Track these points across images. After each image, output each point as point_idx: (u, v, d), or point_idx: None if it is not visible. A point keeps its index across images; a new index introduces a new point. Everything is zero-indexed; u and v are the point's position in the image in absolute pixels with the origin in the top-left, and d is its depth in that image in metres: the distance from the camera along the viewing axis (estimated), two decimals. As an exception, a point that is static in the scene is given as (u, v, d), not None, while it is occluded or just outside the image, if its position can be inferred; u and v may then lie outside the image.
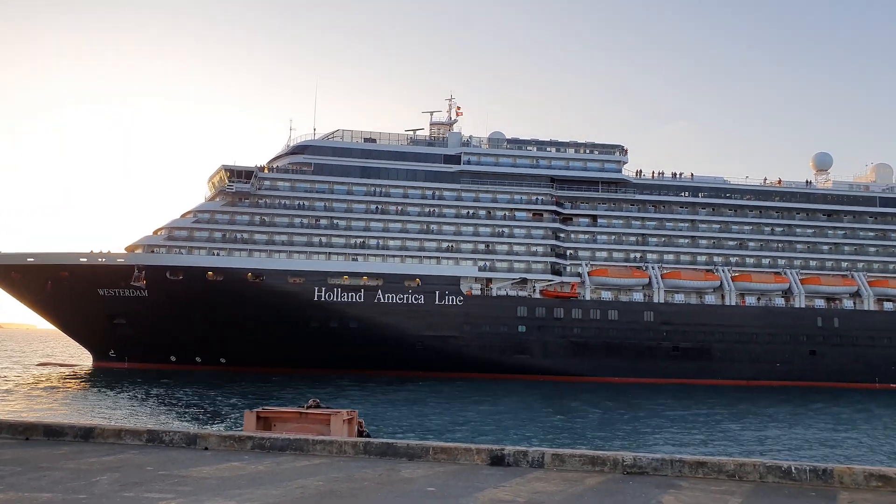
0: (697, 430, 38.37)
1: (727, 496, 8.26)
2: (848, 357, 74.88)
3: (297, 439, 11.01)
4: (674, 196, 79.79)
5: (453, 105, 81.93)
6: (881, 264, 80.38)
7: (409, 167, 75.76)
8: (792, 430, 39.79)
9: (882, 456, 31.96)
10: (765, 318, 75.55)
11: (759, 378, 72.40)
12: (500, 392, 56.35)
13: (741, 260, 79.02)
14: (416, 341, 69.53)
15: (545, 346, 71.90)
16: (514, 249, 76.02)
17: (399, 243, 74.54)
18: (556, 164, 78.41)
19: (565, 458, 9.83)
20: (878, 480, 8.79)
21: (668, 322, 73.84)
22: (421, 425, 36.82)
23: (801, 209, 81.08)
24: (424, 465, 9.97)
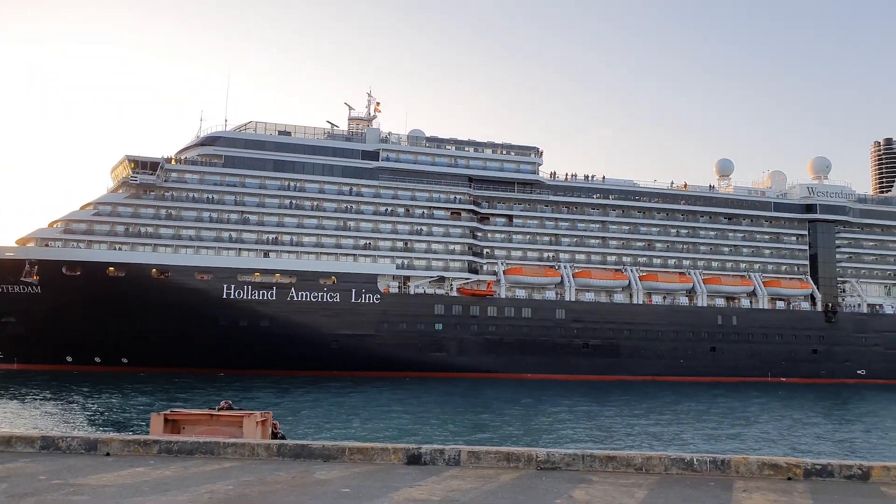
0: (608, 425, 39.61)
1: (634, 489, 8.53)
2: (744, 353, 79.41)
3: (206, 442, 10.60)
4: (586, 198, 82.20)
5: (372, 101, 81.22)
6: (775, 265, 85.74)
7: (326, 162, 74.48)
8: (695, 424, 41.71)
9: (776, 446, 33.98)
10: (669, 316, 79.09)
11: (664, 374, 75.54)
12: (417, 390, 56.43)
13: (648, 260, 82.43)
14: (332, 340, 68.54)
15: (462, 344, 72.52)
16: (432, 248, 76.26)
17: (314, 240, 73.29)
18: (474, 163, 79.22)
19: (481, 456, 9.92)
20: (770, 469, 9.34)
21: (578, 320, 76.06)
22: (338, 426, 36.35)
23: (705, 212, 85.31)
24: (340, 466, 9.83)
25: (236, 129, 75.19)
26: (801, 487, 8.74)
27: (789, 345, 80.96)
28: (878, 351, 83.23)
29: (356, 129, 79.13)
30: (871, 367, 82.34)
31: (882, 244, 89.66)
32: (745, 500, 8.09)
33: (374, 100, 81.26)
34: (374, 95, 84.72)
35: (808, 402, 57.83)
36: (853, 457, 30.22)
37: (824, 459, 9.61)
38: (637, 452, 9.89)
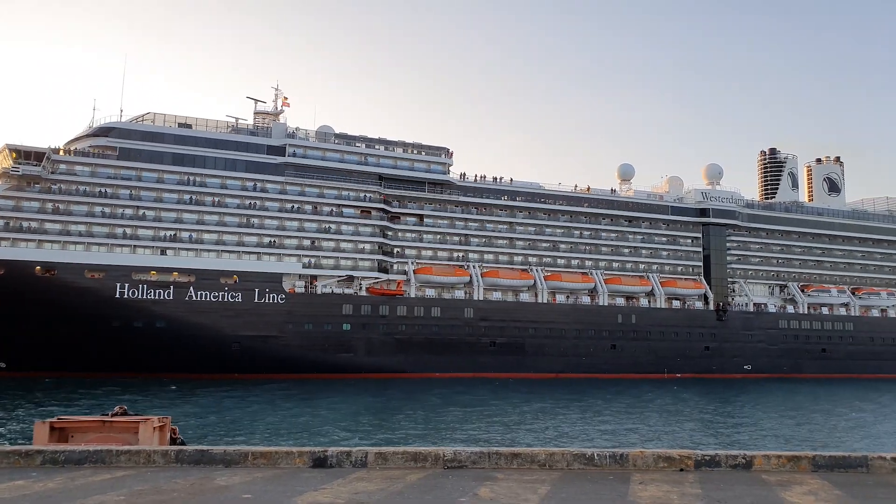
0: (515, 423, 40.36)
1: (537, 485, 8.70)
2: (642, 350, 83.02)
3: (97, 451, 10.01)
4: (494, 199, 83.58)
5: (280, 95, 79.07)
6: (671, 266, 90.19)
7: (229, 156, 71.97)
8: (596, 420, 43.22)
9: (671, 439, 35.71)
10: (572, 314, 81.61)
11: (568, 371, 77.86)
12: (324, 392, 55.55)
13: (553, 260, 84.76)
14: (233, 342, 66.34)
15: (370, 344, 71.98)
16: (340, 246, 75.29)
17: (215, 237, 70.73)
18: (385, 162, 78.80)
19: (388, 457, 9.86)
20: (665, 462, 9.78)
21: (486, 318, 77.23)
22: (242, 430, 35.22)
23: (606, 215, 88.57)
24: (242, 471, 9.53)
25: (133, 120, 71.45)
26: (692, 478, 9.19)
27: (684, 342, 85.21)
28: (762, 347, 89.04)
29: (262, 124, 76.90)
30: (756, 363, 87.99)
31: (766, 247, 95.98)
32: (641, 491, 8.41)
33: (282, 94, 79.20)
34: (282, 90, 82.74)
35: (699, 395, 61.11)
36: (738, 447, 32.21)
37: (713, 451, 10.15)
38: (541, 449, 10.12)
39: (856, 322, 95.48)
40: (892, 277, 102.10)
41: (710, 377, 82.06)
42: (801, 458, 9.80)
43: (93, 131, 69.64)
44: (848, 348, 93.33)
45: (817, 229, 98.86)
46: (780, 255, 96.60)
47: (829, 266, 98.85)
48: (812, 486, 8.74)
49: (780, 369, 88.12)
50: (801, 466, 9.68)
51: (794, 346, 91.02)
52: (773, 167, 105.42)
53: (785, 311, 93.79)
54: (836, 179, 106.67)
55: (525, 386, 64.73)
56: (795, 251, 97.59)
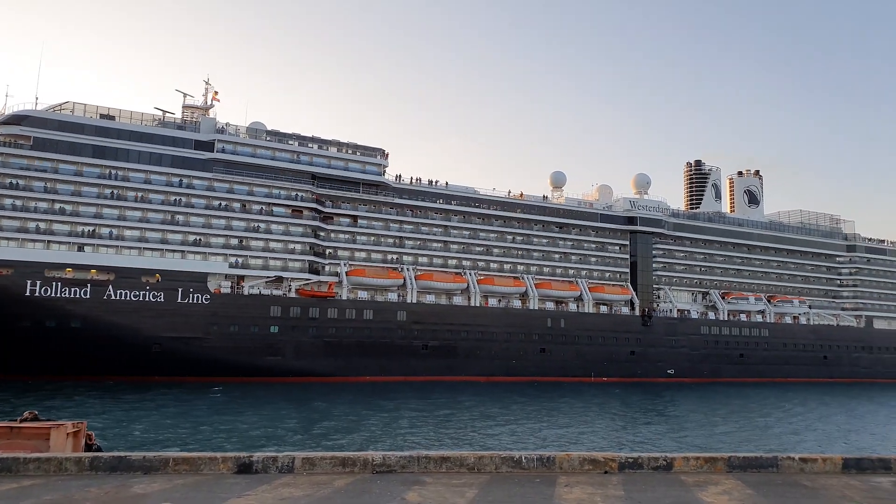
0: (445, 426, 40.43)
1: (465, 488, 8.75)
2: (571, 354, 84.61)
3: (3, 458, 9.52)
4: (430, 202, 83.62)
5: (210, 89, 76.82)
6: (599, 272, 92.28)
7: (154, 150, 69.27)
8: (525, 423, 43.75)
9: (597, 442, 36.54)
10: (504, 318, 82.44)
11: (498, 374, 78.54)
12: (250, 396, 54.20)
13: (486, 265, 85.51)
14: (154, 343, 64.01)
15: (299, 347, 70.65)
16: (270, 246, 73.70)
17: (137, 234, 68.03)
18: (318, 161, 77.55)
19: (316, 462, 9.73)
20: (590, 464, 10.01)
21: (419, 321, 77.11)
22: (163, 435, 33.92)
23: (538, 221, 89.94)
24: (163, 478, 9.25)
25: (50, 108, 67.95)
26: (616, 480, 9.43)
27: (610, 346, 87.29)
28: (684, 352, 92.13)
29: (191, 118, 74.48)
30: (679, 367, 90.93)
31: (690, 255, 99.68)
32: (566, 494, 8.57)
33: (213, 88, 76.98)
34: (214, 84, 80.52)
35: (625, 399, 62.71)
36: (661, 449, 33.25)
37: (636, 453, 10.48)
38: (470, 452, 10.18)
39: (771, 328, 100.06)
40: (804, 286, 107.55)
41: (635, 381, 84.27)
42: (718, 459, 10.22)
43: (4, 119, 65.77)
44: (763, 353, 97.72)
45: (737, 239, 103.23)
46: (703, 264, 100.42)
47: (747, 275, 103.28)
48: (726, 486, 9.12)
49: (701, 374, 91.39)
50: (717, 467, 10.09)
51: (715, 351, 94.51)
52: (698, 178, 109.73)
53: (706, 317, 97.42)
54: (755, 192, 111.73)
55: (457, 389, 64.93)
56: (717, 260, 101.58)
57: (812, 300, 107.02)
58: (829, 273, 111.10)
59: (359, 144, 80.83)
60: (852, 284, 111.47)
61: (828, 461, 10.32)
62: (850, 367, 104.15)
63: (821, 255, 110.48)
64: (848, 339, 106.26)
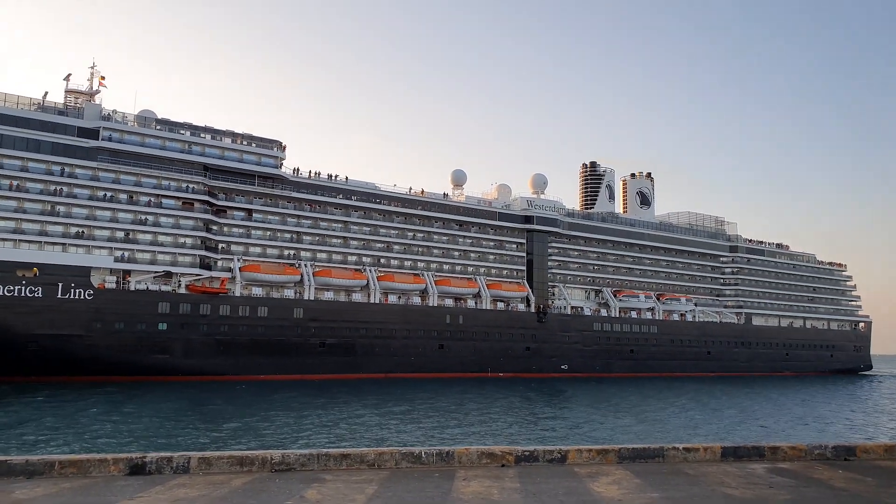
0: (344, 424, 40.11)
1: (365, 485, 8.85)
2: (468, 350, 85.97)
3: None
4: (329, 197, 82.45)
5: (96, 74, 72.28)
6: (497, 270, 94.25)
7: (32, 136, 64.76)
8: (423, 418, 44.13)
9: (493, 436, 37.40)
10: (403, 315, 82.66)
11: (397, 371, 78.78)
12: (138, 396, 51.61)
13: (387, 261, 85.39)
14: (30, 341, 59.83)
15: (188, 345, 68.04)
16: (158, 240, 70.45)
17: (13, 224, 63.39)
18: (211, 152, 74.77)
19: (213, 462, 9.54)
20: (487, 458, 10.35)
21: (316, 319, 76.01)
22: (45, 438, 31.77)
23: (439, 218, 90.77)
24: (48, 482, 8.81)
25: None
26: (512, 472, 9.81)
27: (506, 342, 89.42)
28: (577, 348, 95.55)
29: (75, 104, 69.94)
30: (573, 363, 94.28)
31: (584, 254, 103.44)
32: (464, 487, 8.84)
33: (99, 73, 72.52)
34: (100, 68, 75.68)
35: (521, 394, 64.39)
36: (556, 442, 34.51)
37: (531, 446, 10.92)
38: (370, 449, 10.28)
39: (659, 325, 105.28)
40: (691, 285, 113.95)
41: (530, 376, 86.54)
42: (609, 451, 10.82)
43: None
44: (652, 349, 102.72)
45: (630, 239, 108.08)
46: (597, 262, 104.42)
47: (638, 273, 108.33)
48: (616, 476, 9.69)
49: (594, 369, 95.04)
50: (608, 458, 10.69)
51: (606, 347, 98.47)
52: (593, 179, 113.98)
53: (599, 314, 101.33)
54: (647, 193, 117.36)
55: (354, 387, 64.59)
56: (610, 259, 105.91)
57: (698, 298, 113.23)
58: (714, 272, 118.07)
59: (255, 136, 78.58)
60: (734, 283, 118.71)
61: (708, 450, 11.15)
62: (731, 362, 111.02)
63: (706, 255, 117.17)
64: (729, 335, 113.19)
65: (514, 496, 8.48)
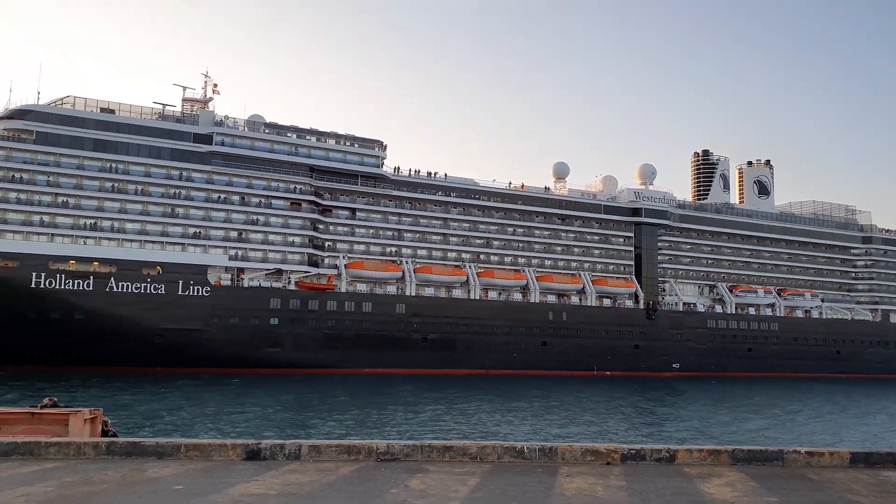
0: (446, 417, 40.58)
1: (467, 476, 8.90)
2: (573, 347, 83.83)
3: (26, 442, 9.93)
4: (429, 194, 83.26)
5: (209, 82, 76.83)
6: (603, 265, 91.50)
7: (154, 143, 69.55)
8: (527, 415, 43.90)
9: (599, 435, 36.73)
10: (504, 311, 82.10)
11: (498, 367, 78.09)
12: (252, 387, 54.45)
13: (486, 257, 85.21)
14: (156, 335, 64.28)
15: (298, 339, 70.81)
16: (269, 239, 73.82)
17: (138, 226, 68.41)
18: (316, 153, 77.53)
19: (322, 449, 9.92)
20: (592, 455, 10.15)
21: (417, 314, 77.02)
22: (172, 423, 34.36)
23: (540, 213, 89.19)
24: (174, 463, 9.50)
25: (52, 103, 68.35)
26: (618, 471, 9.57)
27: (613, 340, 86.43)
28: (690, 346, 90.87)
29: (190, 111, 74.63)
30: (685, 361, 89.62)
31: (697, 247, 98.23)
32: (567, 483, 8.71)
33: (212, 81, 77.06)
34: (213, 77, 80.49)
35: (628, 393, 62.46)
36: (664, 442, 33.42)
37: (638, 445, 10.59)
38: (472, 442, 10.33)
39: (780, 322, 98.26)
40: (816, 279, 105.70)
41: (638, 375, 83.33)
42: (721, 451, 10.31)
43: (8, 113, 66.21)
44: (772, 348, 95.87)
45: (746, 231, 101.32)
46: (710, 256, 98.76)
47: (756, 267, 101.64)
48: (729, 479, 9.23)
49: (707, 368, 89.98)
50: (720, 459, 10.19)
51: (721, 345, 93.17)
52: (706, 168, 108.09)
53: (713, 310, 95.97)
54: (765, 182, 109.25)
55: (456, 382, 65.02)
56: (725, 252, 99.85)
57: (825, 294, 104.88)
58: (844, 266, 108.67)
59: (357, 136, 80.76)
60: (868, 277, 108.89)
61: (835, 455, 10.35)
62: (865, 363, 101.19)
63: (835, 248, 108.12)
64: (863, 333, 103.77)
65: (619, 494, 8.28)
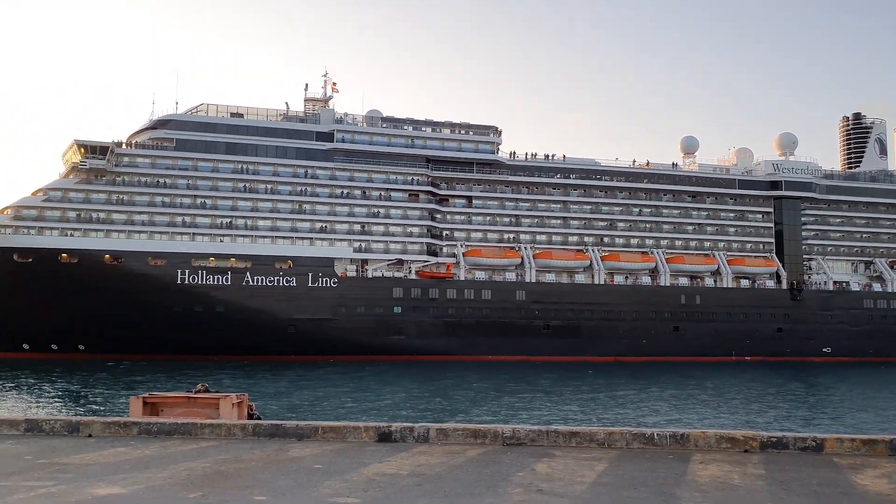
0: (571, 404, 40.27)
1: (595, 462, 8.80)
2: (708, 332, 79.30)
3: (185, 423, 10.89)
4: (547, 178, 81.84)
5: (329, 81, 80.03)
6: (739, 244, 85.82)
7: (280, 144, 73.31)
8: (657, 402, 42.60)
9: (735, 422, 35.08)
10: (632, 296, 79.05)
11: (627, 354, 75.58)
12: (379, 373, 56.53)
13: (610, 240, 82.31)
14: (289, 325, 67.97)
15: (420, 327, 72.37)
16: (390, 230, 75.85)
17: (269, 223, 72.40)
18: (432, 144, 78.65)
19: (449, 433, 10.18)
20: (727, 442, 9.71)
21: (539, 301, 76.19)
22: (307, 407, 36.49)
23: (668, 190, 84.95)
24: (313, 444, 10.10)
25: (188, 111, 73.66)
26: (756, 459, 9.11)
27: (753, 323, 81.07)
28: (843, 329, 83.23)
29: (312, 111, 78.05)
30: (837, 345, 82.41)
31: (849, 221, 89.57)
32: (701, 471, 8.41)
33: (331, 80, 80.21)
34: (332, 76, 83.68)
35: (770, 379, 58.72)
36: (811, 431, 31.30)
37: (780, 432, 10.02)
38: (599, 428, 10.20)
39: None
40: None
41: (783, 360, 77.69)
42: (878, 441, 9.49)
43: (151, 124, 72.11)
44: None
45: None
46: (865, 230, 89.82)
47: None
48: (887, 470, 8.52)
49: (865, 352, 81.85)
50: (876, 450, 9.39)
51: (882, 327, 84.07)
52: (858, 134, 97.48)
53: (870, 289, 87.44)
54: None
55: (581, 369, 63.98)
56: (883, 224, 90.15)
57: None
58: None
59: (471, 124, 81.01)
60: None
61: None
62: None
63: None
64: None
65: (758, 483, 7.88)
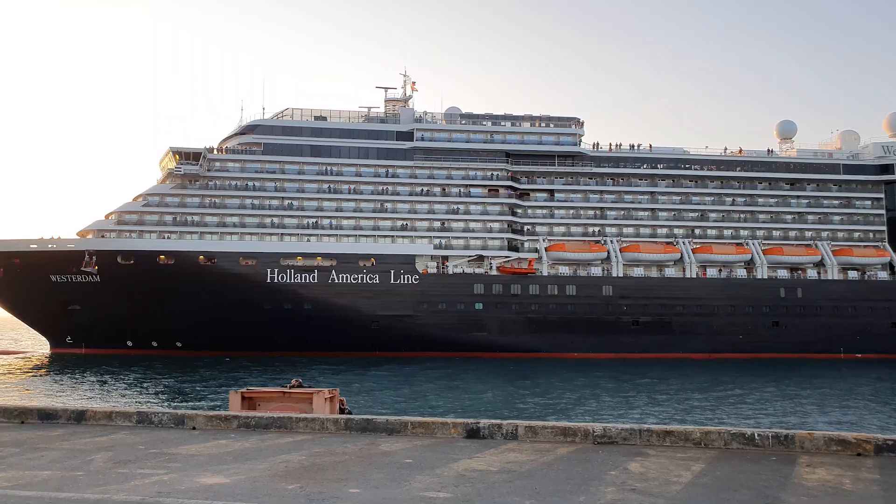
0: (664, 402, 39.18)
1: (691, 462, 8.51)
2: (812, 328, 74.72)
3: (281, 417, 11.32)
4: (632, 168, 79.37)
5: (408, 81, 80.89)
6: (845, 233, 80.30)
7: (361, 145, 74.74)
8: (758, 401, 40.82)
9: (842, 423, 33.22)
10: (726, 289, 75.42)
11: (722, 351, 72.32)
12: (463, 370, 56.80)
13: (702, 231, 78.64)
14: (372, 321, 69.25)
15: (502, 323, 71.91)
16: (470, 226, 75.83)
17: (353, 222, 73.92)
18: (511, 138, 77.95)
19: (538, 430, 10.08)
20: (838, 445, 9.13)
21: (626, 296, 73.87)
22: (394, 403, 37.15)
23: (764, 178, 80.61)
24: (403, 439, 10.27)
25: (274, 116, 76.29)
26: (870, 463, 8.56)
27: (864, 318, 75.49)
28: None
29: (392, 111, 79.16)
30: None
31: None
32: (808, 474, 7.98)
33: (410, 80, 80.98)
34: (410, 75, 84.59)
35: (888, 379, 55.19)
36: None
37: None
38: (695, 427, 9.86)
39: None
40: None
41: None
42: None
43: (240, 130, 75.04)
44: None
45: None
46: None
47: None
48: None
49: None
50: None
51: None
52: None
53: None
54: None
55: (673, 366, 61.93)
56: None
57: None
58: None
59: (552, 116, 79.59)
60: None
61: None
62: None
63: None
64: None
65: (873, 488, 7.39)
